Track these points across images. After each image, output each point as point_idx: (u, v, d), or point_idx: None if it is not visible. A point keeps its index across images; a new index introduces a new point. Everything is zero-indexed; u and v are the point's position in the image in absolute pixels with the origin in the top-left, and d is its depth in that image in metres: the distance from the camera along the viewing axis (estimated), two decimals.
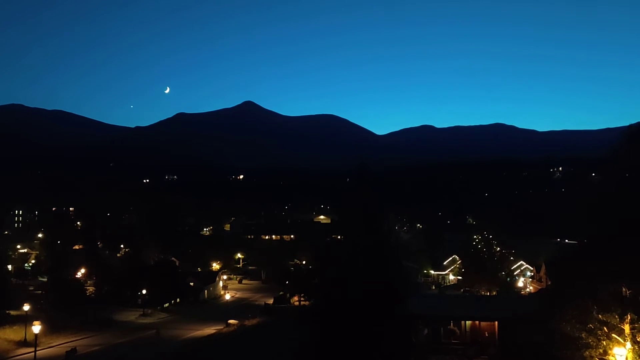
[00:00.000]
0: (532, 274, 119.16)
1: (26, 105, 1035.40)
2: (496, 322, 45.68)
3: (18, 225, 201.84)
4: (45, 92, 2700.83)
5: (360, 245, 35.39)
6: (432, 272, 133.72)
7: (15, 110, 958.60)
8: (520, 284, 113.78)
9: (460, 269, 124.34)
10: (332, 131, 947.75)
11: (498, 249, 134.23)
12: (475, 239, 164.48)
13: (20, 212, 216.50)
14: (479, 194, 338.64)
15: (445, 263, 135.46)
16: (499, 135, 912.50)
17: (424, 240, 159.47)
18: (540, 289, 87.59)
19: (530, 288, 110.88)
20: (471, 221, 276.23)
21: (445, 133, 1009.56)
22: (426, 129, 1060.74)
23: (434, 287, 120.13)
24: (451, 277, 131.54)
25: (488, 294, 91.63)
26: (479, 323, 46.69)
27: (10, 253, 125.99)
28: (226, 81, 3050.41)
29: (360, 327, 32.88)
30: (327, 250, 49.38)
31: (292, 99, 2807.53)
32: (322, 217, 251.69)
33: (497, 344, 44.86)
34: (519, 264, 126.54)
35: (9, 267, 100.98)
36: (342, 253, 37.54)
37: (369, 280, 33.70)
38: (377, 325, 32.77)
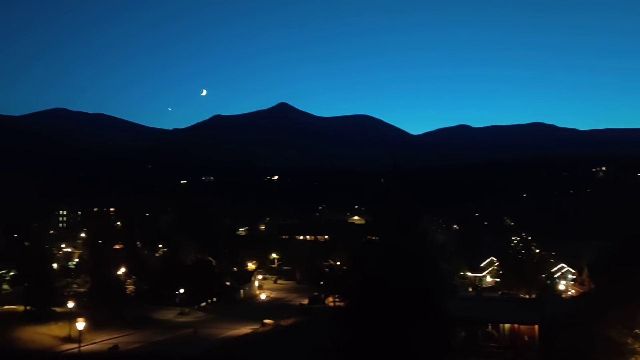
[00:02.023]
0: (574, 277, 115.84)
1: (69, 109, 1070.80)
2: (536, 326, 44.63)
3: (62, 225, 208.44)
4: (87, 96, 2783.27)
5: (395, 247, 35.11)
6: (468, 274, 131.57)
7: (59, 114, 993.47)
8: (561, 287, 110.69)
9: (497, 271, 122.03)
10: (366, 131, 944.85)
11: (537, 250, 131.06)
12: (514, 240, 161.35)
13: (64, 212, 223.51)
14: (517, 195, 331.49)
15: (482, 265, 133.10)
16: (538, 135, 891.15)
17: (460, 242, 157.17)
18: (582, 293, 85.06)
19: (572, 291, 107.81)
20: (509, 222, 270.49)
21: (482, 132, 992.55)
22: (462, 129, 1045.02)
23: (470, 289, 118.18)
24: (488, 279, 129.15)
25: (527, 297, 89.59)
26: (518, 326, 45.72)
27: (55, 252, 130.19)
28: (261, 83, 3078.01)
29: (395, 328, 32.59)
30: (361, 251, 49.21)
31: (326, 100, 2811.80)
32: (356, 217, 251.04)
33: (536, 348, 43.81)
34: (559, 266, 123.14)
35: (54, 265, 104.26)
36: (376, 254, 37.32)
37: (404, 282, 33.37)
38: (412, 327, 32.43)
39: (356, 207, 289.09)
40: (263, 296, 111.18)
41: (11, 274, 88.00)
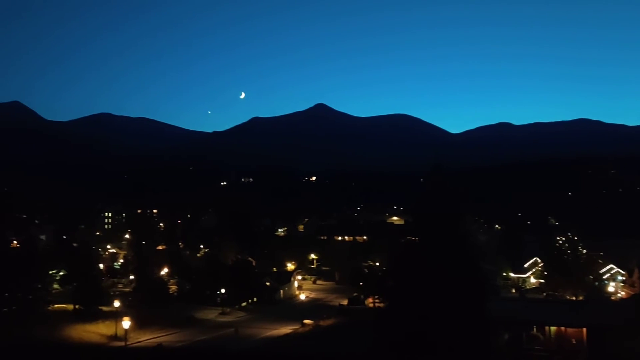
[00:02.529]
0: (624, 278, 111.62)
1: (114, 113, 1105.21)
2: (584, 329, 43.20)
3: (108, 226, 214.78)
4: (130, 101, 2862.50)
5: (435, 247, 34.68)
6: (511, 274, 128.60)
7: (104, 119, 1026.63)
8: (610, 289, 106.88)
9: (542, 271, 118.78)
10: (405, 131, 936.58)
11: (584, 251, 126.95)
12: (559, 240, 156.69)
13: (110, 214, 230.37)
14: (562, 194, 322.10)
15: (525, 265, 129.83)
16: (584, 132, 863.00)
17: (503, 242, 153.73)
18: (633, 295, 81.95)
19: (622, 294, 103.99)
20: (553, 222, 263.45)
21: (524, 130, 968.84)
22: (503, 127, 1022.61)
23: (514, 291, 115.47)
24: (532, 280, 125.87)
25: (574, 299, 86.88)
26: (565, 329, 44.38)
27: (101, 253, 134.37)
28: (299, 84, 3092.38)
29: (436, 330, 32.17)
30: (401, 252, 48.81)
31: (364, 100, 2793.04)
32: (395, 218, 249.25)
33: (585, 352, 42.40)
34: (608, 267, 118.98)
35: (101, 265, 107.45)
36: (416, 255, 36.95)
37: (445, 283, 32.92)
38: (455, 329, 31.94)
39: (395, 207, 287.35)
40: (302, 296, 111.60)
41: (61, 273, 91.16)
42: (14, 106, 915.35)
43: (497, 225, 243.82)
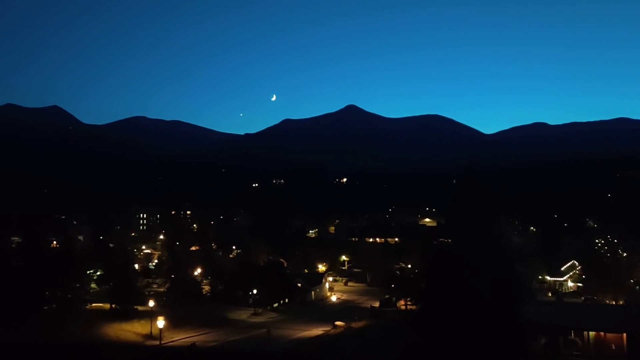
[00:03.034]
0: None
1: (148, 116, 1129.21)
2: (624, 334, 41.92)
3: (143, 227, 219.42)
4: (164, 103, 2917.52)
5: (469, 249, 34.22)
6: (547, 278, 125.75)
7: (139, 122, 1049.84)
8: None
9: (580, 275, 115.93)
10: (437, 131, 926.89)
11: (624, 254, 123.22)
12: (598, 243, 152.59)
13: (145, 215, 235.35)
14: (601, 195, 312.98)
15: (562, 269, 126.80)
16: (624, 131, 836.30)
17: (539, 244, 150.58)
18: None
19: None
20: (592, 224, 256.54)
21: (560, 130, 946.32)
22: (539, 127, 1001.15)
23: (550, 294, 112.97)
24: (570, 283, 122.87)
25: (614, 303, 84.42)
26: (604, 334, 43.14)
27: (136, 253, 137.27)
28: (329, 85, 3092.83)
29: (470, 333, 31.73)
30: (434, 254, 48.35)
31: (395, 101, 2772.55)
32: (427, 219, 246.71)
33: (625, 358, 41.12)
34: None
35: (136, 266, 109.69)
36: (449, 257, 36.53)
37: (479, 286, 32.47)
38: (490, 332, 31.45)
39: (427, 209, 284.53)
40: (334, 298, 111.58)
41: (98, 273, 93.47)
42: (53, 110, 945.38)
43: (532, 227, 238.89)
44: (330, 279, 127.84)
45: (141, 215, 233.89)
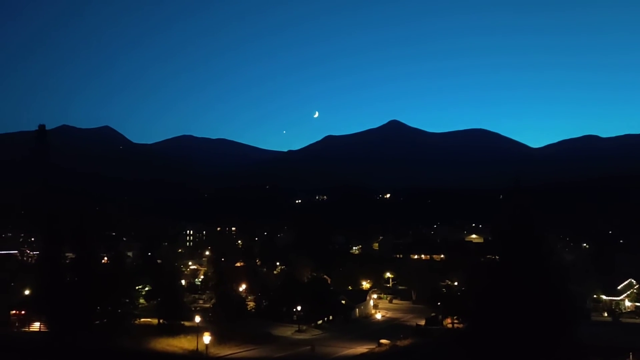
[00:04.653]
0: None
1: (195, 135, 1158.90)
2: None
3: (189, 243, 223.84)
4: (209, 122, 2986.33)
5: (518, 267, 33.27)
6: (603, 297, 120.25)
7: (186, 140, 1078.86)
8: None
9: (638, 294, 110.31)
10: (482, 146, 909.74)
11: None
12: None
13: (191, 232, 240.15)
14: None
15: (619, 287, 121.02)
16: None
17: (593, 262, 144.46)
18: None
19: None
20: None
21: (613, 142, 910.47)
22: (590, 139, 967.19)
23: (606, 314, 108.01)
24: (627, 303, 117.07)
25: None
26: None
27: (183, 269, 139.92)
28: (372, 101, 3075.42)
29: (522, 354, 30.71)
30: (480, 272, 47.25)
31: (437, 112, 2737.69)
32: (474, 236, 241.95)
33: None
34: None
35: (182, 282, 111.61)
36: (497, 275, 35.61)
37: (529, 305, 31.47)
38: (541, 353, 30.34)
39: (473, 225, 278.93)
40: (378, 315, 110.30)
41: (146, 289, 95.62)
42: (104, 131, 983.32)
43: (584, 244, 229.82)
44: (375, 296, 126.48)
45: (188, 232, 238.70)
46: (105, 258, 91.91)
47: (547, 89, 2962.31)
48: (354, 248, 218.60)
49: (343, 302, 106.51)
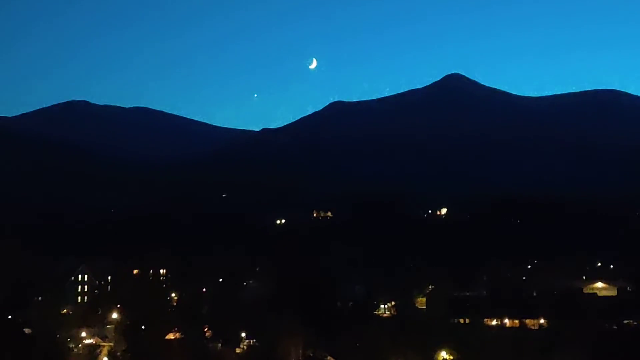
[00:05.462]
0: None
1: (92, 102, 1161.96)
2: None
3: (82, 298, 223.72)
4: (118, 83, 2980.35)
5: None
6: None
7: (78, 110, 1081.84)
8: None
9: None
10: (609, 117, 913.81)
11: None
12: None
13: (86, 275, 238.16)
14: None
15: None
16: None
17: None
18: None
19: None
20: None
21: None
22: None
23: None
24: None
25: None
26: None
27: (71, 345, 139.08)
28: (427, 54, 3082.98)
29: None
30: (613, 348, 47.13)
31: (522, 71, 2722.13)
32: (599, 285, 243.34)
33: None
34: None
35: None
36: None
37: None
38: None
39: (599, 265, 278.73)
40: None
41: None
42: None
43: None
44: None
45: (80, 276, 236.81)
46: None
47: None
48: (381, 307, 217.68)
49: None
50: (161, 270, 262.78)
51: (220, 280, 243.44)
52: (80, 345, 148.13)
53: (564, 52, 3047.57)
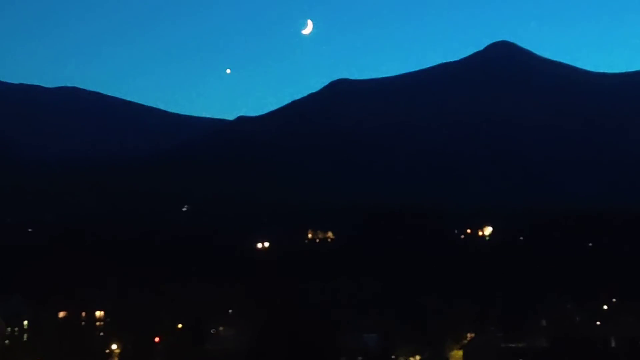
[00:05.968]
0: None
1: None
2: None
3: None
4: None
5: None
6: None
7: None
8: None
9: None
10: None
11: None
12: None
13: None
14: None
15: None
16: None
17: None
18: None
19: None
20: None
21: None
22: None
23: None
24: None
25: None
26: None
27: None
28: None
29: None
30: None
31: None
32: None
33: None
34: None
35: None
36: None
37: None
38: None
39: None
40: None
41: None
42: None
43: None
44: None
45: None
46: None
47: None
48: None
49: None
50: (97, 313, 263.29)
51: (180, 326, 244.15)
52: None
53: None
